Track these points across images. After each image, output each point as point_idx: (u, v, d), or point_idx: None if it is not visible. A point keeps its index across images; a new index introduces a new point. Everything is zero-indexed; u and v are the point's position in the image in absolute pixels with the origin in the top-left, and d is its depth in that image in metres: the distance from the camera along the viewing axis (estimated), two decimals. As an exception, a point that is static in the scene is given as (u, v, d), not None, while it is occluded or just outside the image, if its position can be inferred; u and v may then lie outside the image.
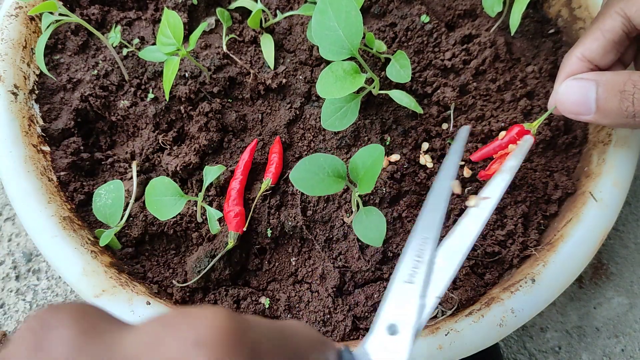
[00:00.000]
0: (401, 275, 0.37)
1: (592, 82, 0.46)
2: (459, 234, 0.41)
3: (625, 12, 0.47)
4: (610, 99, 0.45)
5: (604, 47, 0.49)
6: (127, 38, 0.67)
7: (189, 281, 0.56)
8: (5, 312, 0.68)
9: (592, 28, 0.50)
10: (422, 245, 0.39)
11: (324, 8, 0.52)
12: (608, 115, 0.46)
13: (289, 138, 0.63)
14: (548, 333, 0.68)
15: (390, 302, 0.36)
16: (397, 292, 0.37)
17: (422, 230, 0.39)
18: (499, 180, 0.45)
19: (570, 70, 0.51)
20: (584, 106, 0.47)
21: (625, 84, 0.44)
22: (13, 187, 0.55)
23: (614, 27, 0.48)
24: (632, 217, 0.76)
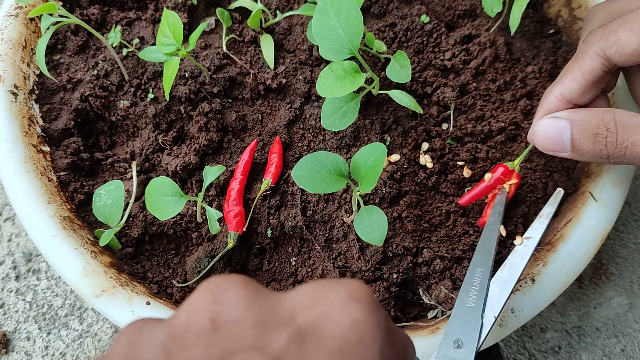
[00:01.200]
0: (463, 300, 0.46)
1: (567, 121, 0.47)
2: (509, 267, 0.50)
3: (605, 52, 0.46)
4: (584, 141, 0.46)
5: (583, 87, 0.49)
6: (127, 38, 0.67)
7: (189, 281, 0.56)
8: (5, 312, 0.68)
9: (572, 68, 0.49)
10: (478, 277, 0.48)
11: (325, 7, 0.52)
12: (583, 154, 0.47)
13: (289, 138, 0.63)
14: (548, 333, 0.68)
15: (454, 321, 0.45)
16: (460, 313, 0.45)
17: (478, 264, 0.48)
18: (538, 224, 0.53)
19: (548, 108, 0.51)
20: (560, 145, 0.48)
21: (598, 126, 0.45)
22: (13, 187, 0.55)
23: (594, 68, 0.48)
24: (632, 217, 0.76)
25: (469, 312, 0.45)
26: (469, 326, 0.44)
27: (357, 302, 0.25)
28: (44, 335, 0.67)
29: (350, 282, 0.26)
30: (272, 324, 0.24)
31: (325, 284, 0.26)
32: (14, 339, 0.67)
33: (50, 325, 0.68)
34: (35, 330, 0.68)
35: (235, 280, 0.26)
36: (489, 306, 0.46)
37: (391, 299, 0.55)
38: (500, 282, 0.49)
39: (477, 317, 0.45)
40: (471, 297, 0.46)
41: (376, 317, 0.25)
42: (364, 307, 0.25)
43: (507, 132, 0.62)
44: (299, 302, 0.25)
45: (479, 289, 0.47)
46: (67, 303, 0.69)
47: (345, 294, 0.25)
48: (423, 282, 0.57)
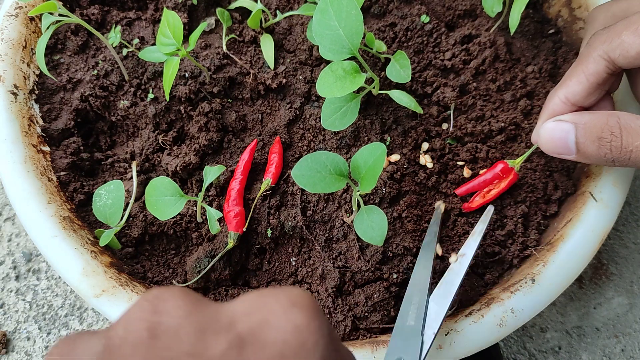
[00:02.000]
0: (403, 319, 0.47)
1: (571, 124, 0.47)
2: (445, 283, 0.50)
3: (609, 55, 0.46)
4: (588, 145, 0.46)
5: (588, 90, 0.49)
6: (127, 38, 0.67)
7: (189, 281, 0.56)
8: (5, 312, 0.68)
9: (575, 70, 0.49)
10: (417, 295, 0.49)
11: (325, 7, 0.52)
12: (588, 158, 0.47)
13: (289, 138, 0.63)
14: (548, 333, 0.68)
15: (395, 339, 0.46)
16: (401, 332, 0.46)
17: (416, 284, 0.50)
18: (471, 241, 0.53)
19: (552, 110, 0.51)
20: (565, 148, 0.48)
21: (602, 130, 0.45)
22: (13, 187, 0.55)
23: (598, 71, 0.47)
24: (632, 217, 0.76)
25: (409, 330, 0.46)
26: (410, 344, 0.45)
27: (299, 308, 0.25)
28: (44, 335, 0.67)
29: (292, 289, 0.26)
30: (212, 331, 0.24)
31: (267, 292, 0.26)
32: (14, 339, 0.67)
33: (50, 325, 0.68)
34: (35, 330, 0.67)
35: (175, 291, 0.26)
36: (428, 323, 0.47)
37: (391, 299, 0.55)
38: (438, 299, 0.49)
39: (417, 335, 0.46)
40: (410, 315, 0.47)
41: (318, 323, 0.25)
42: (306, 313, 0.25)
43: (507, 132, 0.62)
44: (239, 310, 0.25)
45: (418, 308, 0.48)
46: (67, 303, 0.69)
47: (286, 301, 0.25)
48: (423, 282, 0.57)
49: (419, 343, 0.45)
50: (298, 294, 0.26)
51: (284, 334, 0.24)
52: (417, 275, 0.51)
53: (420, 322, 0.47)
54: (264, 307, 0.25)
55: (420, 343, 0.45)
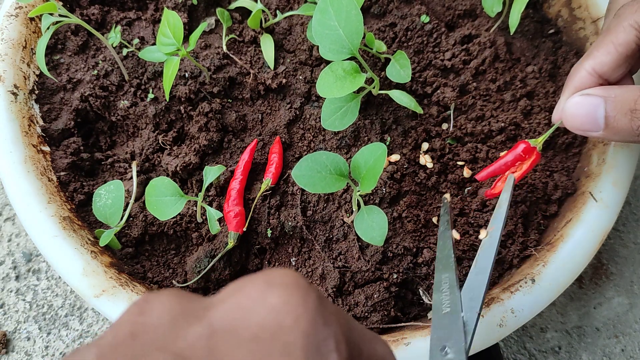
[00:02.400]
0: (437, 309, 0.45)
1: (600, 98, 0.45)
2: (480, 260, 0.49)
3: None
4: (620, 118, 0.44)
5: (617, 61, 0.47)
6: (127, 38, 0.67)
7: (189, 281, 0.56)
8: (5, 312, 0.68)
9: (604, 41, 0.47)
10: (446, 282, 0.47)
11: (325, 7, 0.52)
12: (618, 133, 0.45)
13: (289, 138, 0.63)
14: (548, 333, 0.68)
15: (435, 331, 0.44)
16: (439, 322, 0.44)
17: (441, 272, 0.48)
18: (498, 213, 0.52)
19: (579, 84, 0.49)
20: (593, 124, 0.46)
21: (636, 102, 0.43)
22: (13, 187, 0.55)
23: (628, 41, 0.46)
24: (632, 217, 0.76)
25: (446, 317, 0.45)
26: (451, 330, 0.43)
27: (277, 287, 0.24)
28: (44, 335, 0.67)
29: (273, 270, 0.25)
30: (185, 323, 0.23)
31: (247, 278, 0.25)
32: (14, 339, 0.67)
33: (50, 325, 0.68)
34: (35, 330, 0.67)
35: (163, 292, 0.26)
36: (468, 305, 0.45)
37: (391, 299, 0.55)
38: (475, 276, 0.48)
39: (457, 319, 0.44)
40: (444, 303, 0.46)
41: (299, 299, 0.23)
42: (284, 290, 0.23)
43: (507, 132, 0.62)
44: (216, 299, 0.25)
45: (450, 294, 0.46)
46: (67, 303, 0.69)
47: (262, 283, 0.24)
48: (423, 282, 0.57)
49: (460, 326, 0.43)
50: (278, 274, 0.25)
51: (258, 317, 0.23)
52: (440, 264, 0.49)
53: (456, 307, 0.45)
54: (240, 292, 0.24)
55: (462, 326, 0.43)
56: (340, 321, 0.25)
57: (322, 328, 0.23)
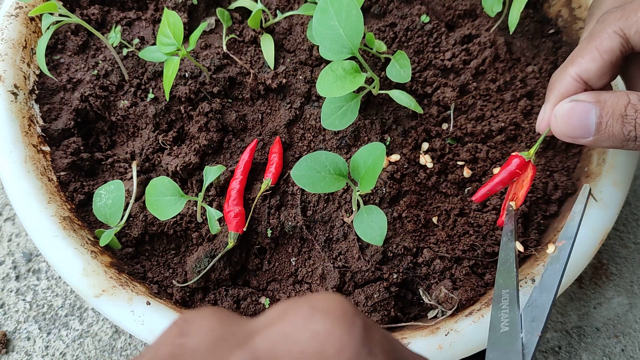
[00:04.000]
0: (495, 327, 0.42)
1: (591, 104, 0.44)
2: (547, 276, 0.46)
3: (624, 32, 0.45)
4: (611, 123, 0.44)
5: (602, 68, 0.46)
6: (127, 38, 0.67)
7: (189, 281, 0.56)
8: (5, 312, 0.68)
9: (588, 47, 0.47)
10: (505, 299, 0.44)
11: (325, 7, 0.52)
12: (608, 139, 0.44)
13: (289, 138, 0.63)
14: (548, 333, 0.68)
15: (491, 351, 0.41)
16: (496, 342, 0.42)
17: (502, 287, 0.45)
18: (570, 226, 0.49)
19: (565, 90, 0.48)
20: (583, 130, 0.45)
21: (626, 107, 0.43)
22: (13, 187, 0.55)
23: (613, 48, 0.46)
24: (632, 217, 0.76)
25: (504, 337, 0.42)
26: (508, 352, 0.41)
27: (321, 314, 0.23)
28: (44, 335, 0.67)
29: (319, 295, 0.24)
30: (227, 348, 0.23)
31: (292, 301, 0.25)
32: (14, 339, 0.67)
33: (50, 325, 0.68)
34: (35, 330, 0.67)
35: (204, 312, 0.25)
36: (528, 326, 0.42)
37: (391, 299, 0.55)
38: (538, 294, 0.45)
39: (516, 340, 0.41)
40: (503, 321, 0.43)
41: (346, 327, 0.23)
42: (329, 318, 0.23)
43: (507, 132, 0.62)
44: (260, 324, 0.24)
45: (510, 311, 0.43)
46: (67, 303, 0.69)
47: (307, 309, 0.23)
48: (423, 282, 0.57)
49: (519, 349, 0.40)
50: (323, 299, 0.24)
51: (301, 345, 0.22)
52: (501, 278, 0.46)
53: (515, 327, 0.42)
54: (284, 318, 0.23)
55: (520, 348, 0.40)
56: (386, 350, 0.24)
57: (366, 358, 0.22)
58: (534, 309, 0.44)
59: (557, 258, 0.47)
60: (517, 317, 0.42)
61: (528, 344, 0.41)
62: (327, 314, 0.23)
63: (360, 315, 0.24)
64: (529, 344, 0.41)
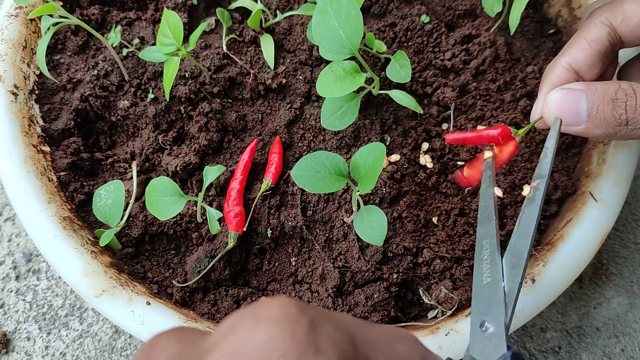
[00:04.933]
0: (478, 279, 0.43)
1: (581, 91, 0.45)
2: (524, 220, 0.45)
3: (610, 22, 0.46)
4: (602, 108, 0.44)
5: (591, 57, 0.48)
6: (127, 38, 0.67)
7: (189, 281, 0.56)
8: (5, 312, 0.68)
9: (577, 38, 0.49)
10: (487, 249, 0.44)
11: (324, 7, 0.52)
12: (600, 124, 0.45)
13: (289, 138, 0.63)
14: (548, 333, 0.68)
15: (475, 304, 0.41)
16: (479, 294, 0.42)
17: (482, 237, 0.45)
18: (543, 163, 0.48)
19: (557, 79, 0.49)
20: (574, 117, 0.46)
21: (616, 92, 0.44)
22: (13, 187, 0.55)
23: (600, 37, 0.47)
24: (632, 217, 0.76)
25: (486, 289, 0.42)
26: (491, 303, 0.41)
27: (264, 322, 0.23)
28: (44, 335, 0.67)
29: (263, 302, 0.25)
30: None
31: (238, 313, 0.25)
32: (14, 339, 0.67)
33: (50, 325, 0.68)
34: (35, 330, 0.68)
35: (168, 334, 0.26)
36: (509, 274, 0.42)
37: (391, 299, 0.55)
38: (516, 240, 0.44)
39: (498, 291, 0.41)
40: (485, 273, 0.43)
41: (288, 330, 0.23)
42: (271, 324, 0.23)
43: (507, 132, 0.62)
44: (213, 340, 0.24)
45: (491, 262, 0.43)
46: (67, 303, 0.69)
47: (250, 319, 0.24)
48: (423, 282, 0.57)
49: (501, 298, 0.40)
50: (266, 307, 0.24)
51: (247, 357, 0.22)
52: (482, 225, 0.46)
53: (496, 276, 0.42)
54: (232, 332, 0.24)
55: (502, 297, 0.40)
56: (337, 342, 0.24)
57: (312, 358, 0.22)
58: (513, 256, 0.44)
59: (532, 199, 0.46)
60: (499, 266, 0.43)
61: (510, 292, 0.41)
62: (270, 321, 0.23)
63: (307, 313, 0.24)
64: (511, 292, 0.41)
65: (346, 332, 0.25)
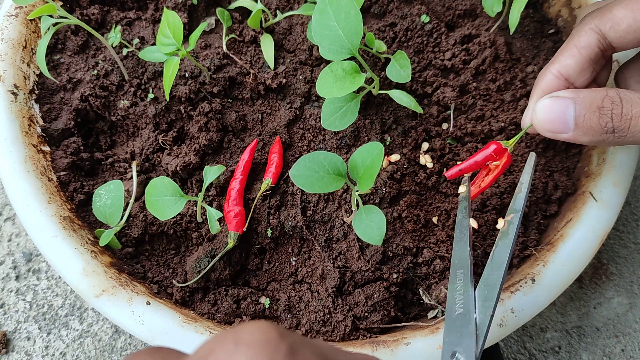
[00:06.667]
0: (451, 309, 0.43)
1: (569, 99, 0.46)
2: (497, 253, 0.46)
3: (600, 28, 0.47)
4: (589, 116, 0.45)
5: (581, 64, 0.48)
6: (127, 38, 0.67)
7: (189, 281, 0.56)
8: (5, 312, 0.68)
9: (567, 45, 0.49)
10: (460, 279, 0.45)
11: (324, 8, 0.52)
12: (587, 132, 0.46)
13: (289, 138, 0.63)
14: (548, 333, 0.68)
15: (447, 334, 0.42)
16: (451, 324, 0.42)
17: (457, 267, 0.46)
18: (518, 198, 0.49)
19: (546, 87, 0.50)
20: (562, 124, 0.46)
21: (603, 100, 0.45)
22: (13, 187, 0.55)
23: (590, 44, 0.48)
24: (632, 217, 0.76)
25: (458, 319, 0.42)
26: (463, 334, 0.41)
27: (244, 346, 0.23)
28: (44, 335, 0.67)
29: (243, 326, 0.25)
30: None
31: (219, 336, 0.25)
32: (14, 339, 0.67)
33: (50, 325, 0.68)
34: (35, 330, 0.68)
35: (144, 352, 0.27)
36: (482, 306, 0.43)
37: (391, 299, 0.55)
38: (490, 272, 0.45)
39: (469, 322, 0.42)
40: (457, 303, 0.43)
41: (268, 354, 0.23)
42: (251, 348, 0.23)
43: (507, 132, 0.62)
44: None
45: (464, 293, 0.44)
46: (67, 303, 0.69)
47: (231, 343, 0.24)
48: (423, 282, 0.57)
49: (472, 330, 0.41)
50: (246, 330, 0.24)
51: None
52: (456, 256, 0.47)
53: (469, 307, 0.42)
54: (211, 353, 0.24)
55: (474, 329, 0.41)
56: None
57: None
58: (486, 288, 0.44)
59: (507, 233, 0.47)
60: (471, 297, 0.43)
61: (481, 324, 0.42)
62: (250, 345, 0.23)
63: (287, 339, 0.24)
64: (482, 324, 0.42)
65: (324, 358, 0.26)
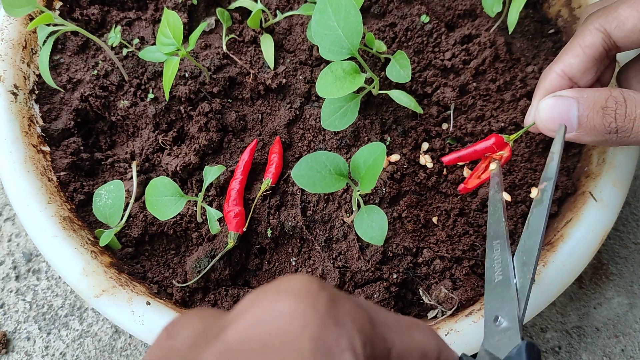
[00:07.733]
0: (490, 278, 0.44)
1: (573, 99, 0.46)
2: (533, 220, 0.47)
3: (605, 28, 0.46)
4: (592, 116, 0.45)
5: (585, 63, 0.48)
6: (127, 38, 0.67)
7: (189, 281, 0.56)
8: (5, 312, 0.68)
9: (572, 44, 0.49)
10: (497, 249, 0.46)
11: (324, 7, 0.52)
12: (590, 132, 0.45)
13: (289, 138, 0.63)
14: (548, 333, 0.68)
15: (488, 301, 0.43)
16: (491, 291, 0.43)
17: (493, 238, 0.47)
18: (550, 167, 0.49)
19: (550, 86, 0.50)
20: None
21: (606, 100, 0.44)
22: (13, 187, 0.55)
23: (594, 43, 0.47)
24: (632, 217, 0.76)
25: (498, 286, 0.43)
26: (504, 299, 0.42)
27: (286, 294, 0.24)
28: (44, 335, 0.67)
29: (285, 278, 0.25)
30: (204, 342, 0.24)
31: (260, 288, 0.26)
32: (14, 339, 0.67)
33: (50, 325, 0.68)
34: (35, 330, 0.68)
35: (190, 313, 0.28)
36: (520, 271, 0.44)
37: (391, 299, 0.55)
38: (526, 239, 0.46)
39: (509, 287, 0.43)
40: (496, 271, 0.44)
41: (310, 302, 0.23)
42: (293, 297, 0.24)
43: (507, 132, 0.62)
44: (234, 314, 0.25)
45: (502, 261, 0.45)
46: (67, 303, 0.69)
47: (273, 293, 0.24)
48: (423, 282, 0.57)
49: (513, 294, 0.42)
50: (288, 281, 0.25)
51: (268, 327, 0.23)
52: (491, 228, 0.48)
53: (508, 274, 0.43)
54: (253, 305, 0.24)
55: (515, 293, 0.42)
56: (358, 319, 0.24)
57: (333, 329, 0.23)
58: (524, 254, 0.45)
59: (540, 200, 0.48)
60: (509, 263, 0.44)
61: (522, 288, 0.43)
62: (292, 294, 0.24)
63: (327, 290, 0.25)
64: (522, 288, 0.43)
65: (365, 312, 0.26)
